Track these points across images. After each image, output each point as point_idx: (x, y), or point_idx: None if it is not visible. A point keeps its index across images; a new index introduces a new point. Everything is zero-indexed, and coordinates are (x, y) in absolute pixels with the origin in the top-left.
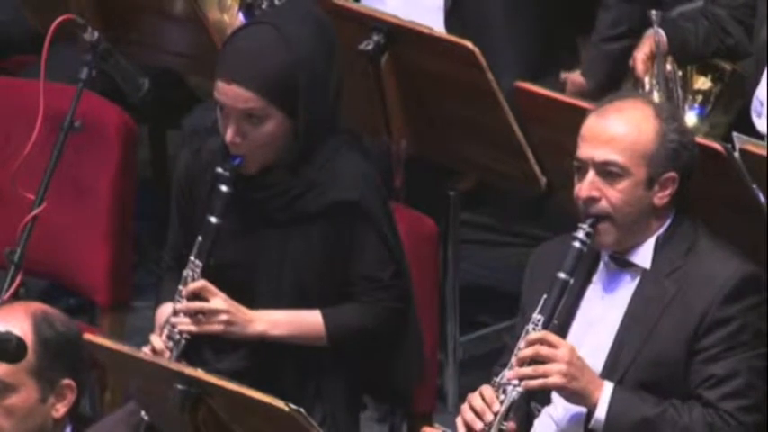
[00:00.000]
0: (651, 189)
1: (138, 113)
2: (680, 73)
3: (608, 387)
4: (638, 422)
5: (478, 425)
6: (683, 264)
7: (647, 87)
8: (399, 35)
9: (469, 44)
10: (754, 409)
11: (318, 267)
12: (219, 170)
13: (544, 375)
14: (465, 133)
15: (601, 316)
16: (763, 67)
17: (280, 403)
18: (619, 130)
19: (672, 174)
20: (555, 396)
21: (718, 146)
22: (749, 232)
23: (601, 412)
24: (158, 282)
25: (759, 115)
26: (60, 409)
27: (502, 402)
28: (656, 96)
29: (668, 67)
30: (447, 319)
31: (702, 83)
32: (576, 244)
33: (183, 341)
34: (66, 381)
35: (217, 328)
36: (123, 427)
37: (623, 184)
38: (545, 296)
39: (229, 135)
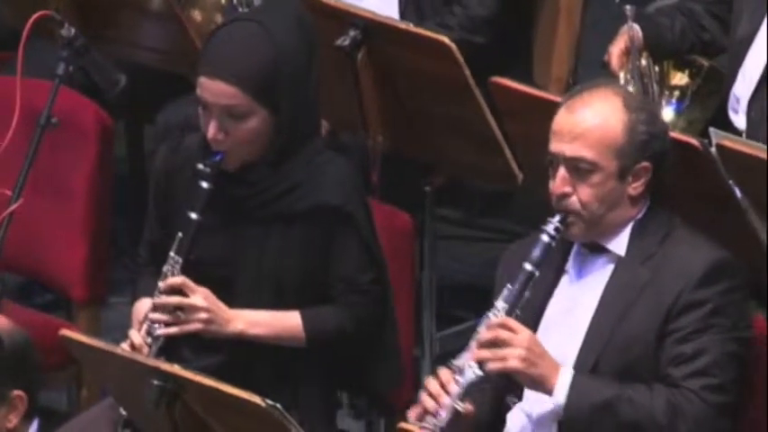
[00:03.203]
0: (624, 180)
1: (114, 109)
2: (656, 68)
3: (567, 372)
4: (599, 405)
5: (431, 404)
6: (657, 251)
7: (622, 82)
8: (376, 31)
9: (446, 39)
10: (720, 390)
11: (298, 267)
12: (200, 166)
13: (502, 359)
14: (442, 129)
15: (576, 302)
16: (739, 62)
17: (256, 399)
18: (586, 125)
19: (644, 164)
20: (528, 390)
21: (694, 141)
22: (725, 227)
23: (560, 397)
24: (135, 277)
25: (736, 111)
26: (13, 420)
27: (459, 384)
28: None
29: (643, 62)
30: (423, 314)
31: (679, 78)
32: (545, 237)
33: (162, 337)
34: (17, 392)
35: (196, 326)
36: (101, 423)
37: (595, 179)
38: (508, 285)
39: (211, 131)
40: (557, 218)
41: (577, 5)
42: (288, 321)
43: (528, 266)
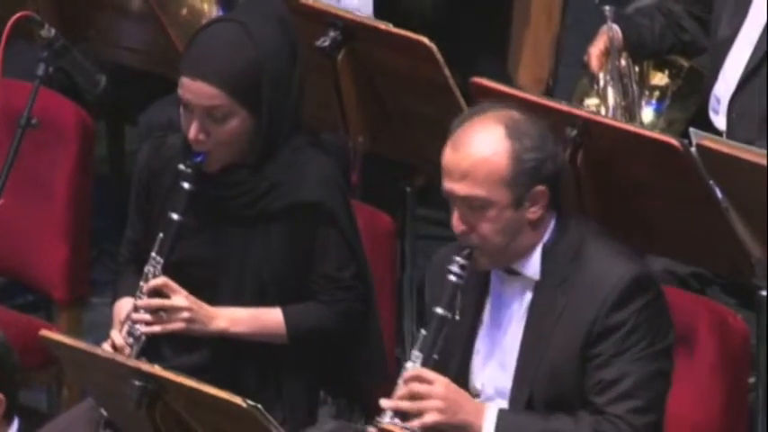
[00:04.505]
0: (521, 208)
1: (95, 110)
2: (636, 69)
3: (491, 413)
4: None
5: None
6: (571, 273)
7: (602, 83)
8: (356, 31)
9: (426, 40)
10: (645, 411)
11: (280, 266)
12: (182, 167)
13: (420, 413)
14: (422, 129)
15: (502, 331)
16: (720, 63)
17: (237, 399)
18: (471, 163)
19: (539, 188)
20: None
21: (674, 141)
22: (705, 227)
23: None
24: (116, 276)
25: (716, 112)
26: None
27: None
28: (610, 92)
29: (623, 62)
30: (404, 314)
31: (659, 79)
32: (452, 278)
33: (144, 337)
34: None
35: (178, 325)
36: (82, 423)
37: (490, 214)
38: (423, 332)
39: (193, 132)
40: (462, 254)
41: (557, 6)
42: (270, 319)
43: (440, 311)
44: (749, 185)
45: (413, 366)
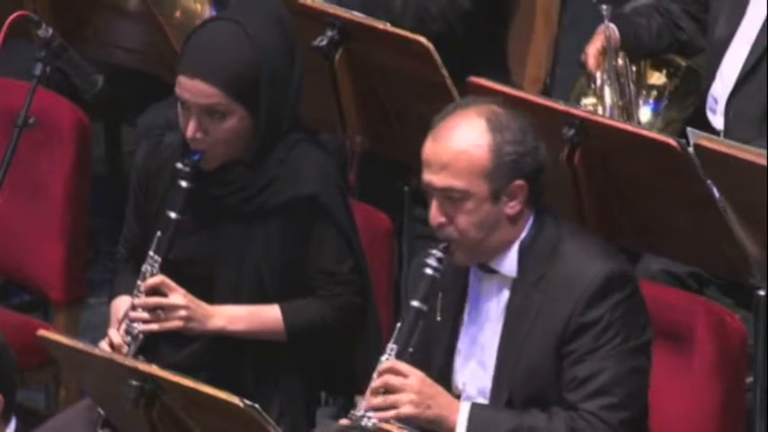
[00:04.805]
0: (499, 202)
1: (92, 110)
2: (633, 68)
3: (464, 408)
4: None
5: None
6: (547, 271)
7: (599, 82)
8: (353, 31)
9: (423, 39)
10: (620, 407)
11: (278, 262)
12: (179, 165)
13: (394, 405)
14: (420, 129)
15: (481, 328)
16: (717, 63)
17: (235, 399)
18: (452, 154)
19: (518, 182)
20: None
21: (672, 141)
22: (702, 227)
23: None
24: (114, 274)
25: (714, 112)
26: None
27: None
28: (607, 92)
29: (620, 62)
30: (402, 313)
31: (657, 78)
32: (428, 271)
33: (141, 336)
34: None
35: (176, 323)
36: (79, 423)
37: (468, 206)
38: (399, 324)
39: (190, 130)
40: (438, 247)
41: (554, 5)
42: (268, 316)
43: (416, 303)
44: (747, 185)
45: (387, 359)
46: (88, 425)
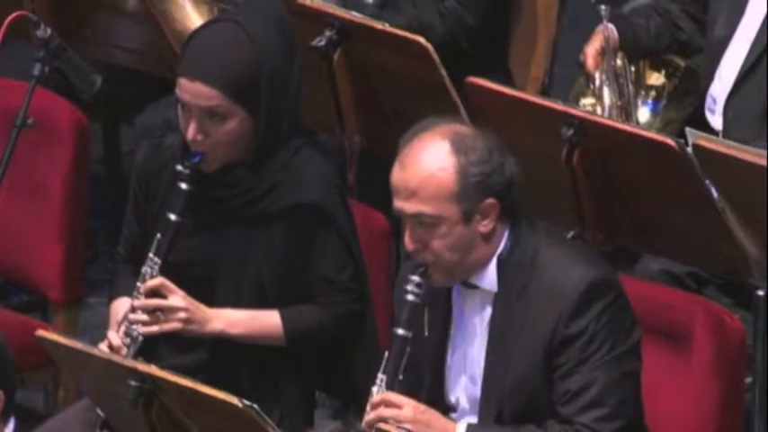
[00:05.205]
0: (471, 222)
1: (90, 110)
2: (632, 68)
3: (461, 428)
4: None
5: None
6: (528, 282)
7: (598, 82)
8: (352, 31)
9: (422, 40)
10: (614, 417)
11: (278, 267)
12: (180, 167)
13: None
14: None
15: (468, 343)
16: (716, 63)
17: (234, 400)
18: (418, 180)
19: (489, 201)
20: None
21: (670, 141)
22: (701, 227)
23: None
24: (113, 274)
25: (713, 112)
26: None
27: None
28: (606, 92)
29: (619, 62)
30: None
31: (656, 78)
32: (410, 297)
33: (141, 338)
34: None
35: (175, 326)
36: (78, 423)
37: (441, 230)
38: (387, 354)
39: (191, 132)
40: (417, 272)
41: (553, 5)
42: (267, 321)
43: (400, 331)
44: (745, 185)
45: (378, 390)
46: (87, 425)
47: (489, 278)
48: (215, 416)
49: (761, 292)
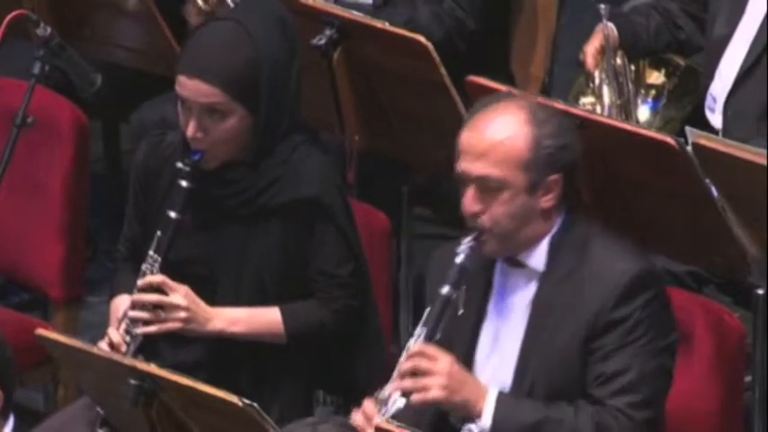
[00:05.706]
0: (534, 194)
1: (90, 108)
2: (632, 67)
3: (492, 395)
4: (524, 427)
5: None
6: (577, 266)
7: (597, 81)
8: (352, 30)
9: (422, 39)
10: (646, 405)
11: (278, 263)
12: (180, 165)
13: (424, 389)
14: (418, 128)
15: (506, 321)
16: (716, 62)
17: (233, 398)
18: (490, 143)
19: (554, 176)
20: None
21: (670, 140)
22: (701, 226)
23: (486, 421)
24: (113, 273)
25: (713, 111)
26: None
27: (384, 414)
28: (606, 91)
29: (618, 61)
30: (400, 313)
31: (656, 77)
32: (459, 258)
33: (141, 336)
34: None
35: (175, 325)
36: (78, 422)
37: (504, 196)
38: (428, 309)
39: (191, 130)
40: (470, 237)
41: (553, 5)
42: (267, 318)
43: (445, 289)
44: (745, 184)
45: (416, 342)
46: (87, 424)
47: (538, 257)
48: (215, 414)
49: (760, 291)
